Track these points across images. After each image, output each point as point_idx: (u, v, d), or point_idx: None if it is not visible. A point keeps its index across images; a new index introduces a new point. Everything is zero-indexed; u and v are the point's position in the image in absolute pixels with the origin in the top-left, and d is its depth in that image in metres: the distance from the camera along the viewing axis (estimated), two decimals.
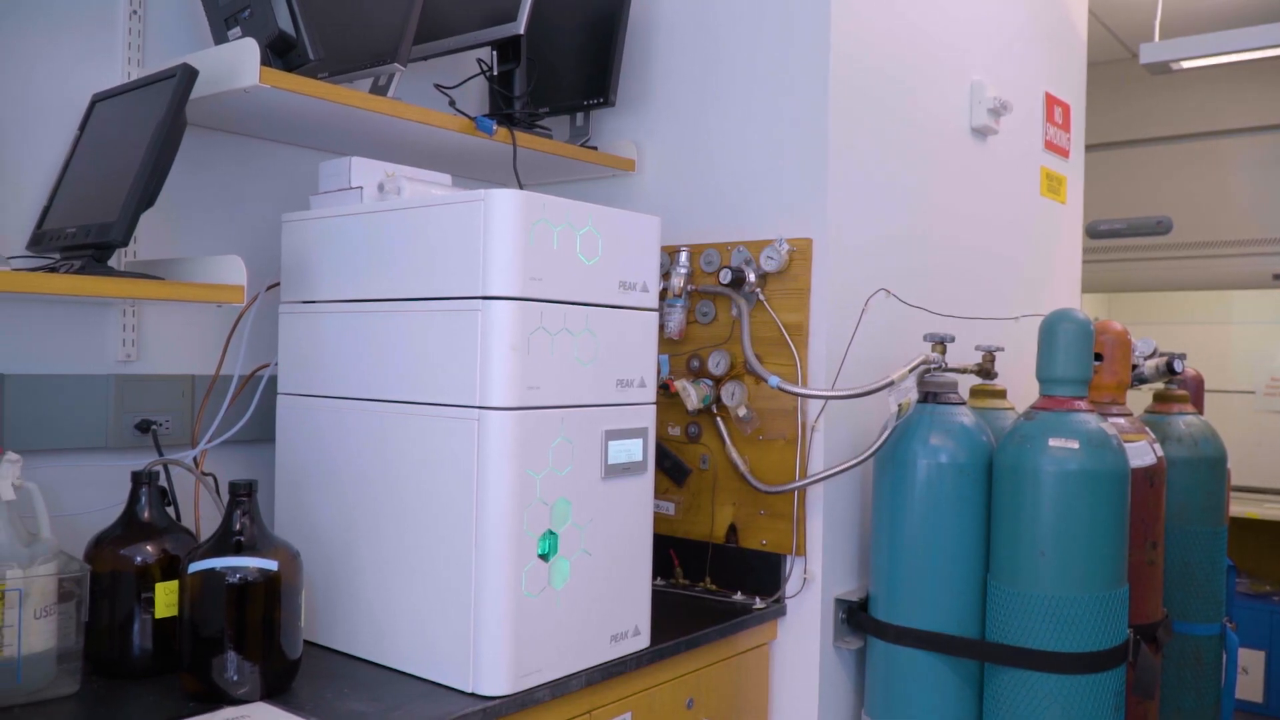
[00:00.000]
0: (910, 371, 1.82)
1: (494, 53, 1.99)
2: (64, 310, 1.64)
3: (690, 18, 2.09)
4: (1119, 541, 1.72)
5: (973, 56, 2.34)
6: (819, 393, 1.85)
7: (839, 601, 1.93)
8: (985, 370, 2.04)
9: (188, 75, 1.39)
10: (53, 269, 1.43)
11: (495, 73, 2.00)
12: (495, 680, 1.39)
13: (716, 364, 1.98)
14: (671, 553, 2.04)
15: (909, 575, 1.81)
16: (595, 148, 2.12)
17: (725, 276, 1.92)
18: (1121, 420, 1.99)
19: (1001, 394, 2.10)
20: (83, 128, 1.59)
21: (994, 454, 1.80)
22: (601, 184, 2.22)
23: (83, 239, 1.39)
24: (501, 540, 1.39)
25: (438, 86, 1.95)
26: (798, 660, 1.93)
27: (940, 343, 1.89)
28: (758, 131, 1.99)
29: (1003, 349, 2.06)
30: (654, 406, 1.62)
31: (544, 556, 1.44)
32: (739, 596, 1.94)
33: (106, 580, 1.44)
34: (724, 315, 1.99)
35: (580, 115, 2.17)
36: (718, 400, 1.98)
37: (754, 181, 1.99)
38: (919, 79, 2.16)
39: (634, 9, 2.10)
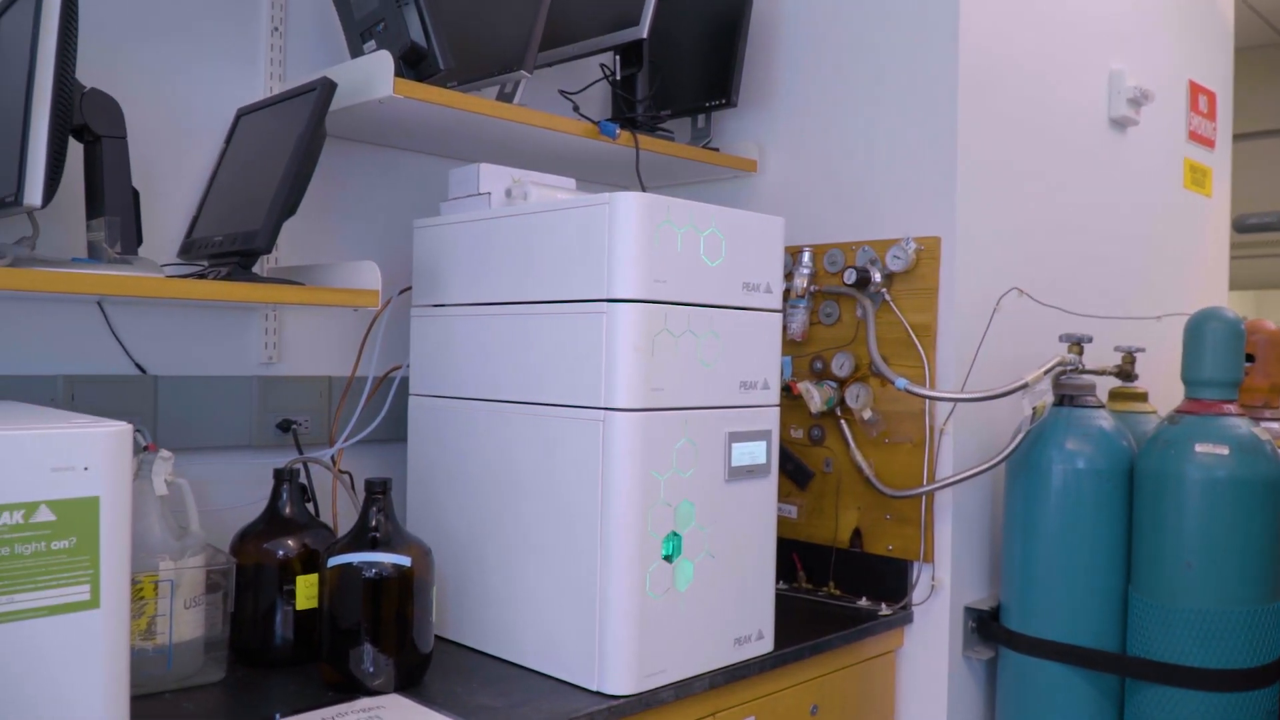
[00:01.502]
0: (1045, 373, 1.76)
1: (617, 57, 2.01)
2: (211, 315, 1.73)
3: (813, 14, 2.07)
4: (1273, 553, 1.62)
5: (1111, 44, 2.25)
6: (949, 395, 1.80)
7: (969, 610, 1.88)
8: (1125, 372, 1.95)
9: (327, 88, 1.44)
10: (201, 275, 1.51)
11: (618, 77, 2.01)
12: (620, 679, 1.40)
13: (840, 366, 1.95)
14: (794, 556, 2.02)
15: (1044, 585, 1.74)
16: (717, 149, 2.12)
17: (850, 276, 1.89)
18: (1275, 425, 1.88)
19: (1143, 397, 2.00)
20: (229, 140, 1.67)
21: (1135, 459, 1.72)
22: (723, 185, 2.21)
23: (229, 247, 1.46)
24: (626, 541, 1.39)
25: (562, 92, 1.97)
26: (926, 669, 1.88)
27: (1077, 343, 1.82)
28: (884, 127, 1.95)
29: (1144, 350, 1.97)
30: (778, 409, 1.61)
31: (668, 558, 1.44)
32: (864, 602, 1.91)
33: (251, 573, 1.51)
34: (848, 316, 1.96)
35: (701, 117, 2.16)
36: (841, 402, 1.95)
37: (879, 179, 1.95)
38: (1054, 69, 2.09)
39: (756, 8, 2.08)
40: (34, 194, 1.21)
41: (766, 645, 1.61)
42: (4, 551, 0.93)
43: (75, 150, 1.41)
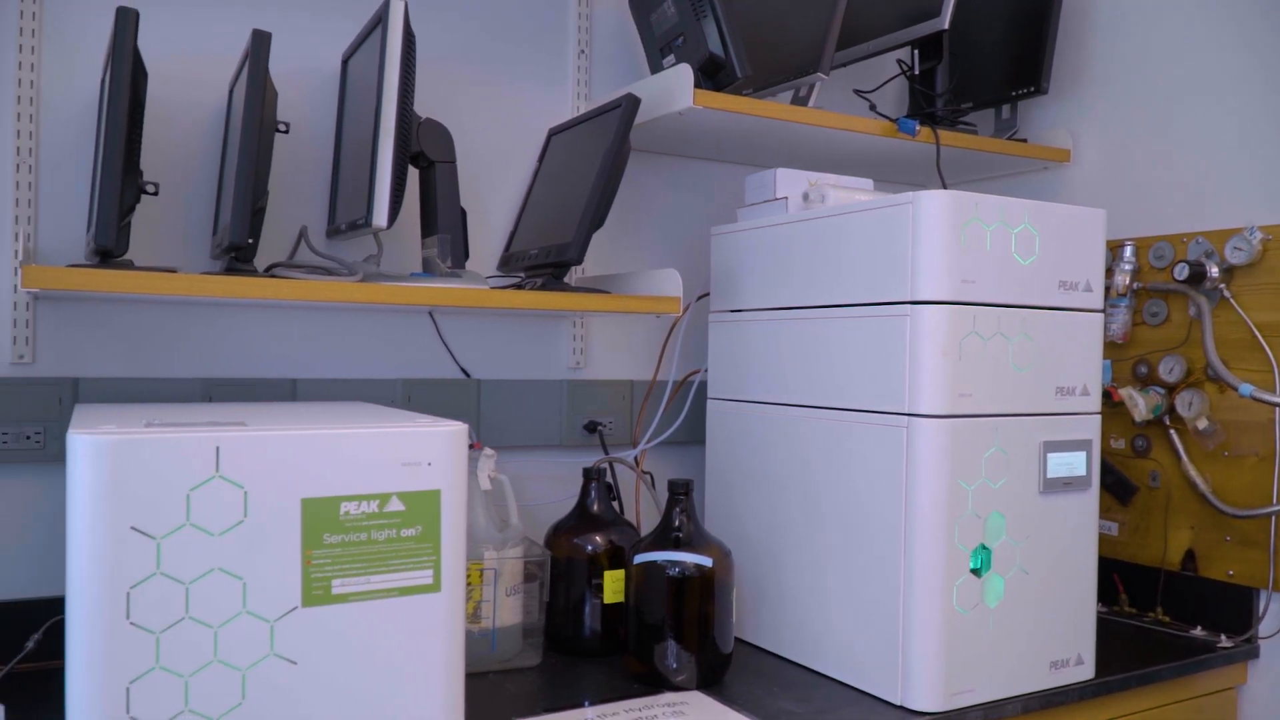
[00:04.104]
0: None
1: (915, 52, 1.95)
2: (526, 323, 1.85)
3: None
4: None
5: None
6: None
7: None
8: None
9: (632, 104, 1.50)
10: (519, 286, 1.61)
11: (916, 72, 1.95)
12: (925, 695, 1.35)
13: (1169, 370, 1.78)
14: (1115, 577, 1.87)
15: None
16: (1024, 140, 2.00)
17: (1181, 272, 1.72)
18: None
19: None
20: (541, 159, 1.78)
21: None
22: (1030, 178, 2.09)
23: (543, 259, 1.55)
24: (932, 553, 1.35)
25: (857, 91, 1.94)
26: (1275, 711, 1.68)
27: None
28: (1223, 105, 1.76)
29: None
30: (1098, 417, 1.49)
31: (976, 572, 1.38)
32: (1198, 631, 1.73)
33: (563, 565, 1.59)
34: (1178, 315, 1.79)
35: (1006, 107, 2.05)
36: (1171, 410, 1.78)
37: (1218, 163, 1.77)
38: None
39: None
40: (380, 216, 1.35)
41: (1087, 671, 1.49)
42: (361, 537, 1.04)
43: (411, 175, 1.56)
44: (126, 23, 1.21)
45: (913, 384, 1.36)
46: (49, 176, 1.48)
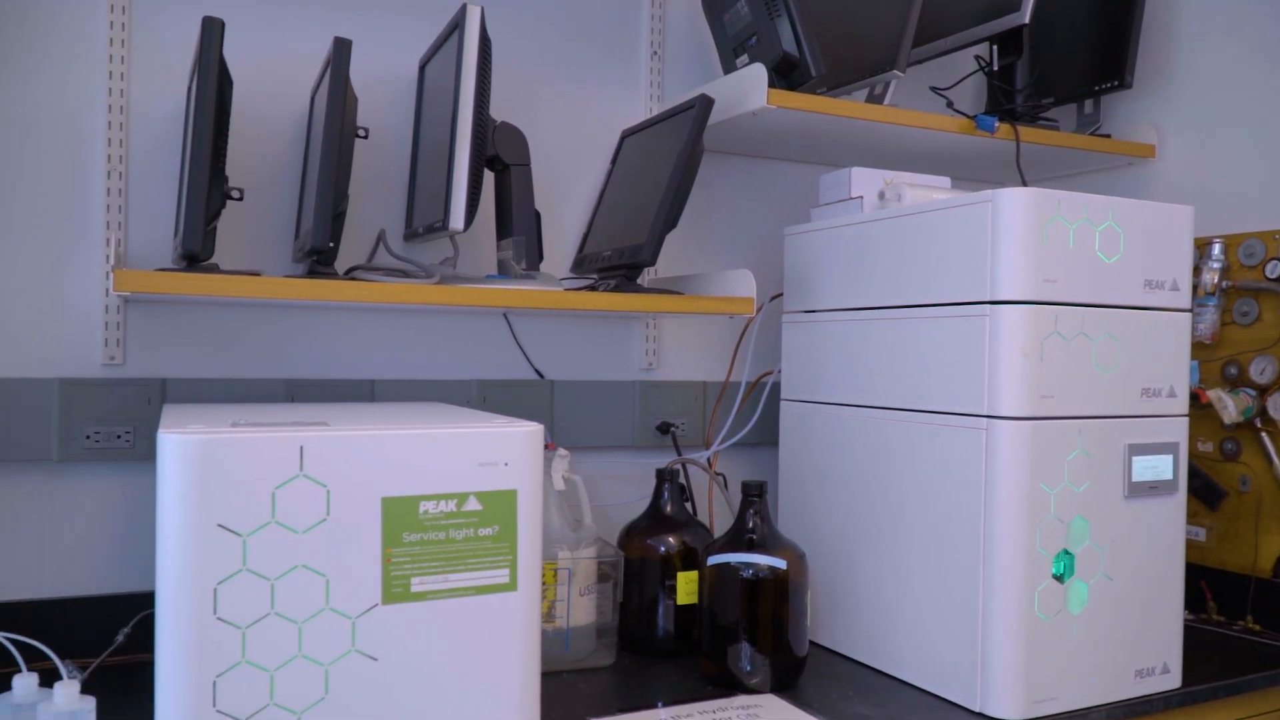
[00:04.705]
0: None
1: (993, 47, 1.91)
2: (598, 324, 1.86)
3: None
4: None
5: None
6: None
7: None
8: None
9: (705, 104, 1.50)
10: (592, 288, 1.62)
11: (995, 67, 1.92)
12: (1005, 702, 1.33)
13: (1261, 371, 1.72)
14: (1203, 584, 1.81)
15: None
16: (1108, 135, 1.95)
17: (1273, 270, 1.66)
18: None
19: None
20: (614, 161, 1.78)
21: None
22: (1112, 175, 2.04)
23: (616, 260, 1.56)
24: (1012, 557, 1.32)
25: (933, 89, 1.91)
26: None
27: None
28: None
29: None
30: (1185, 419, 1.45)
31: (1059, 577, 1.35)
32: None
33: (636, 566, 1.60)
34: (1270, 315, 1.73)
35: (1089, 102, 2.00)
36: (1262, 413, 1.72)
37: None
38: None
39: None
40: (457, 219, 1.37)
41: (1173, 680, 1.45)
42: (440, 536, 1.05)
43: (486, 177, 1.58)
44: (212, 32, 1.25)
45: (992, 385, 1.33)
46: (138, 184, 1.53)
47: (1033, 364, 1.32)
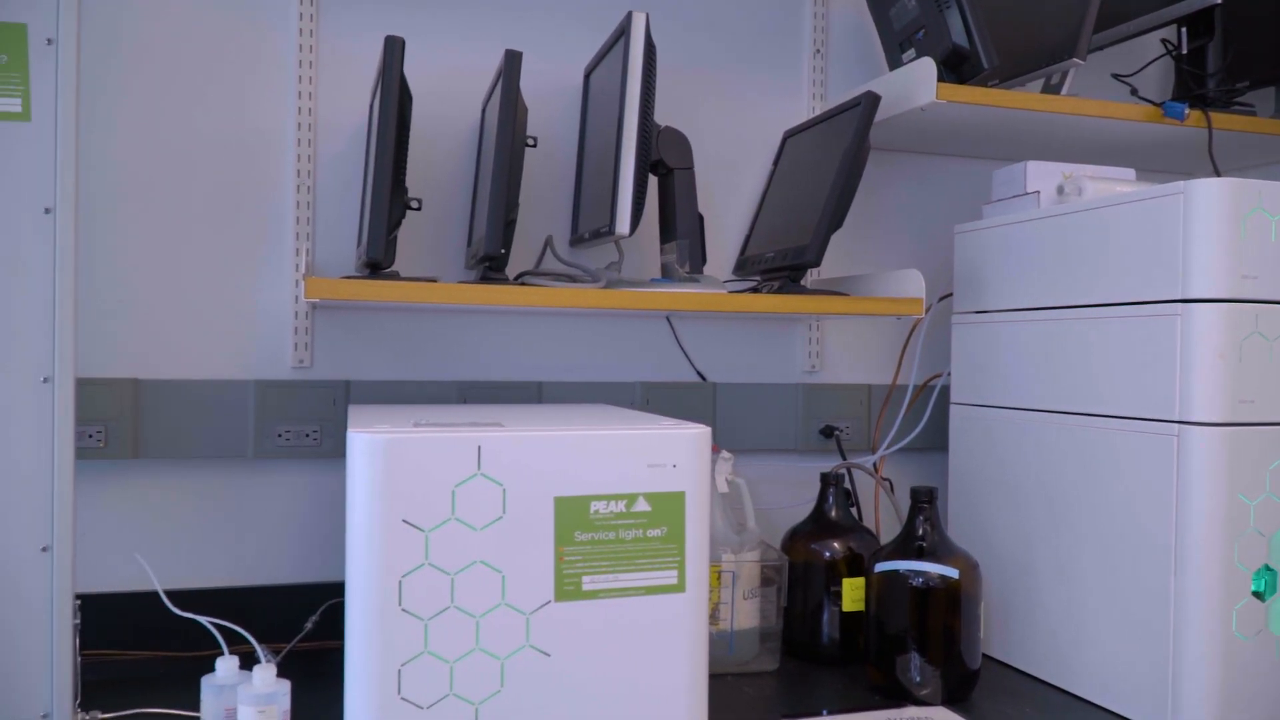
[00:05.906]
0: None
1: (1181, 29, 1.80)
2: (760, 326, 1.85)
3: None
4: None
5: None
6: None
7: None
8: None
9: (872, 101, 1.47)
10: (755, 290, 1.61)
11: (1184, 51, 1.80)
12: None
13: None
14: None
15: None
16: None
17: None
18: None
19: None
20: (776, 162, 1.77)
21: None
22: None
23: (780, 262, 1.55)
24: (1207, 573, 1.24)
25: (1115, 76, 1.81)
26: None
27: None
28: None
29: None
30: None
31: (1259, 594, 1.26)
32: None
33: (800, 570, 1.58)
34: None
35: None
36: None
37: None
38: None
39: None
40: (623, 224, 1.39)
41: None
42: (610, 536, 1.07)
43: (650, 182, 1.59)
44: (394, 50, 1.31)
45: (1184, 389, 1.25)
46: (324, 197, 1.61)
47: (1230, 366, 1.23)
